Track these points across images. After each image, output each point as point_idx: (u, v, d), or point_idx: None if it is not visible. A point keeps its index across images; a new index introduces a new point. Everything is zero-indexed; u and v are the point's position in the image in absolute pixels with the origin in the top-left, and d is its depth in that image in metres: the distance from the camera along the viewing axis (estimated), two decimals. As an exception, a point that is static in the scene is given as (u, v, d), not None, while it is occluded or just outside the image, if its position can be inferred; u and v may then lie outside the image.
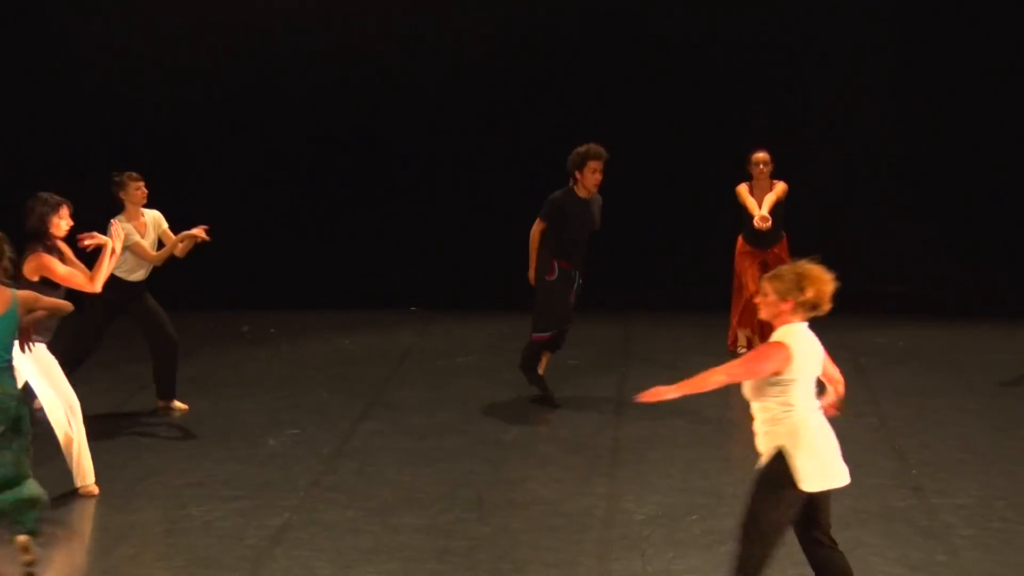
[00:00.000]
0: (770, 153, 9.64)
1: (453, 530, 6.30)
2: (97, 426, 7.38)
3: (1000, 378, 9.15)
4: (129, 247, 7.75)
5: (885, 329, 10.81)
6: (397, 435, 7.89)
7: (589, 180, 8.14)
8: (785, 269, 4.97)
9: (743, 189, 9.65)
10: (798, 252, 9.68)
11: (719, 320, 10.20)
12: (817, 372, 4.89)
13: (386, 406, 8.60)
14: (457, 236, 11.77)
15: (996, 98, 11.10)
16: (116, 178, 8.01)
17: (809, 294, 4.85)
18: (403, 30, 11.54)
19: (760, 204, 9.50)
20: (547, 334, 8.25)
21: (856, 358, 9.73)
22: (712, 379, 4.87)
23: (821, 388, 5.02)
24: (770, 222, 9.44)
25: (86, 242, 6.76)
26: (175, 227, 8.12)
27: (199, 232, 7.90)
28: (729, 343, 9.92)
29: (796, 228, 9.78)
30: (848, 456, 7.15)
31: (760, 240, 9.67)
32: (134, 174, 8.03)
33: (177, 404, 8.28)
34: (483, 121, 11.61)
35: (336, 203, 11.78)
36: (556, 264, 8.13)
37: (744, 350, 9.73)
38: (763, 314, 4.95)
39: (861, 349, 10.11)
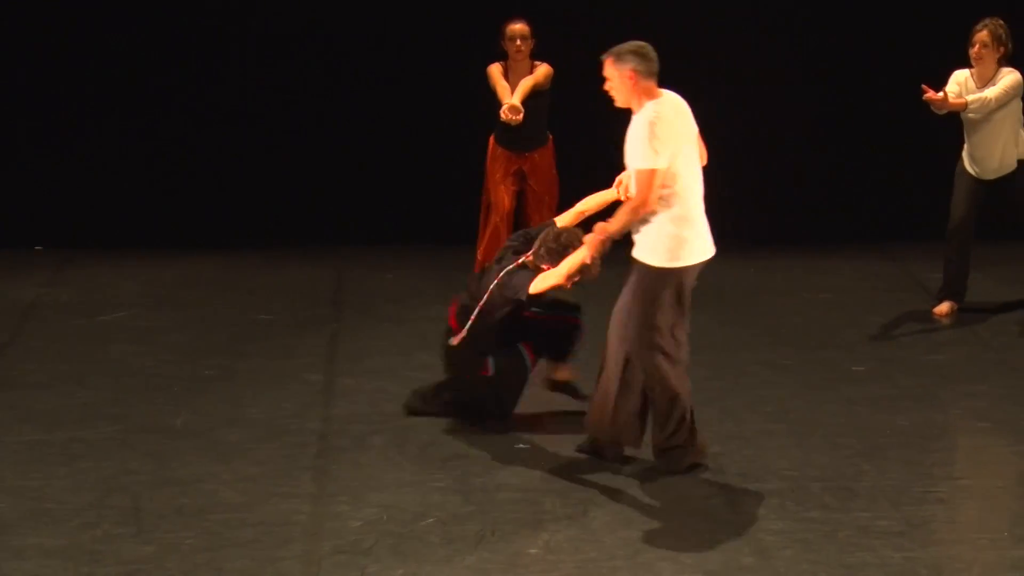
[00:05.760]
0: (530, 25, 9.83)
1: (102, 552, 6.25)
2: None
3: (817, 324, 9.65)
4: None
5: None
6: (18, 424, 7.75)
7: None
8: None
9: (496, 70, 9.80)
10: (565, 160, 10.13)
11: (461, 255, 10.38)
12: None
13: (1, 385, 8.43)
14: (105, 156, 11.68)
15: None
16: None
17: None
18: None
19: (514, 90, 9.67)
20: None
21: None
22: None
23: None
24: (522, 115, 9.61)
25: None
26: None
27: None
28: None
29: (563, 128, 10.05)
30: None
31: (515, 141, 9.86)
32: None
33: None
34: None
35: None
36: None
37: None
38: None
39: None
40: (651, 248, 6.84)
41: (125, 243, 11.57)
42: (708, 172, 7.11)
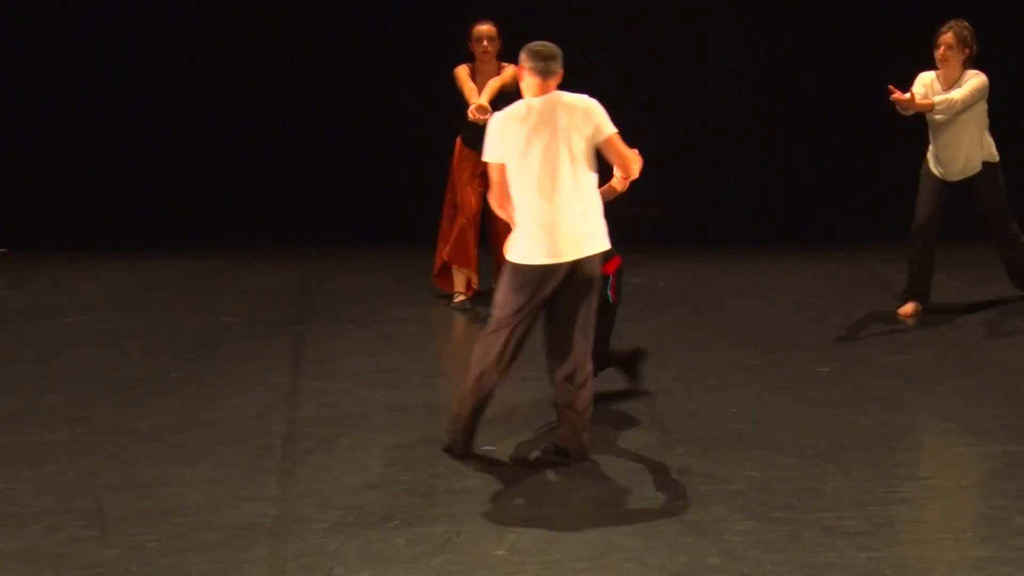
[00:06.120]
0: (497, 27, 9.85)
1: (65, 555, 6.23)
2: None
3: (782, 325, 9.69)
4: None
5: (641, 266, 11.26)
6: (-18, 428, 7.73)
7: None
8: None
9: (463, 72, 9.82)
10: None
11: (427, 256, 10.39)
12: None
13: (-35, 388, 8.41)
14: (68, 158, 11.65)
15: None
16: None
17: None
18: None
19: (481, 91, 9.70)
20: None
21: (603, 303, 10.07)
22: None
23: None
24: (490, 115, 9.63)
25: None
26: None
27: None
28: (433, 276, 10.09)
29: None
30: (597, 433, 7.51)
31: (483, 141, 9.85)
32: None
33: None
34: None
35: None
36: None
37: (462, 297, 9.93)
38: None
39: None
40: (510, 240, 7.17)
41: (88, 245, 11.58)
42: (674, 173, 7.14)
